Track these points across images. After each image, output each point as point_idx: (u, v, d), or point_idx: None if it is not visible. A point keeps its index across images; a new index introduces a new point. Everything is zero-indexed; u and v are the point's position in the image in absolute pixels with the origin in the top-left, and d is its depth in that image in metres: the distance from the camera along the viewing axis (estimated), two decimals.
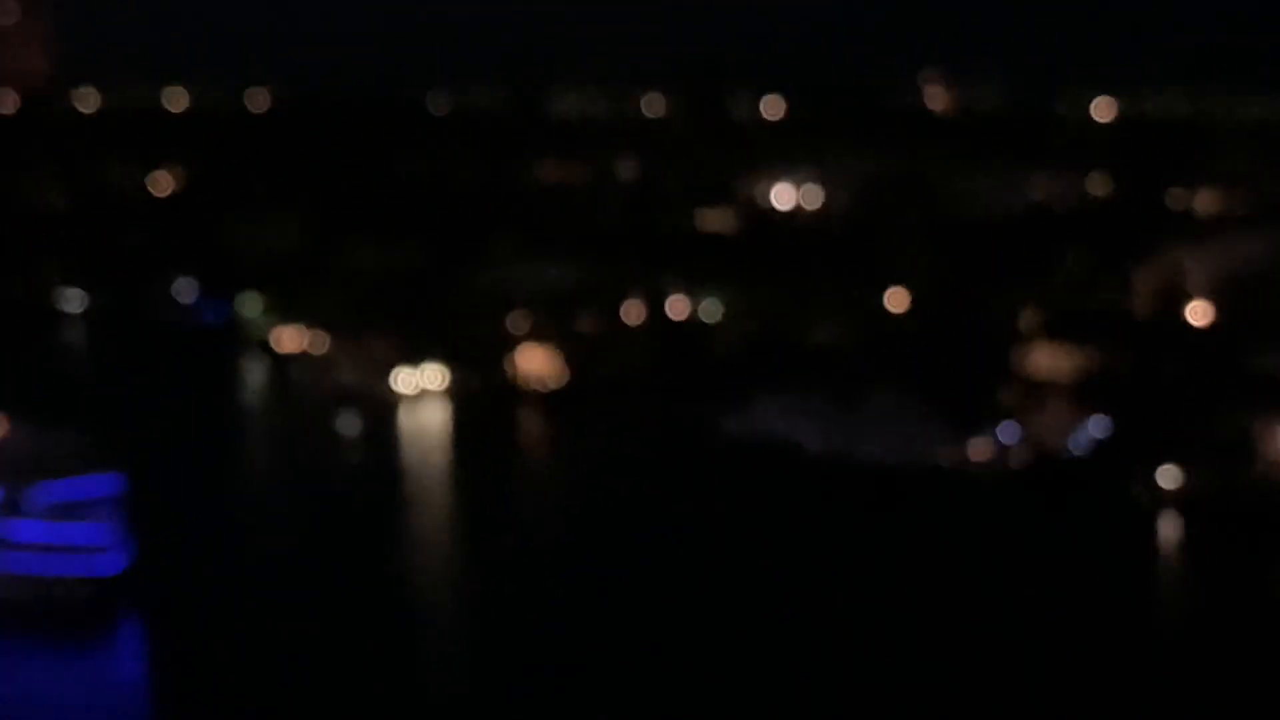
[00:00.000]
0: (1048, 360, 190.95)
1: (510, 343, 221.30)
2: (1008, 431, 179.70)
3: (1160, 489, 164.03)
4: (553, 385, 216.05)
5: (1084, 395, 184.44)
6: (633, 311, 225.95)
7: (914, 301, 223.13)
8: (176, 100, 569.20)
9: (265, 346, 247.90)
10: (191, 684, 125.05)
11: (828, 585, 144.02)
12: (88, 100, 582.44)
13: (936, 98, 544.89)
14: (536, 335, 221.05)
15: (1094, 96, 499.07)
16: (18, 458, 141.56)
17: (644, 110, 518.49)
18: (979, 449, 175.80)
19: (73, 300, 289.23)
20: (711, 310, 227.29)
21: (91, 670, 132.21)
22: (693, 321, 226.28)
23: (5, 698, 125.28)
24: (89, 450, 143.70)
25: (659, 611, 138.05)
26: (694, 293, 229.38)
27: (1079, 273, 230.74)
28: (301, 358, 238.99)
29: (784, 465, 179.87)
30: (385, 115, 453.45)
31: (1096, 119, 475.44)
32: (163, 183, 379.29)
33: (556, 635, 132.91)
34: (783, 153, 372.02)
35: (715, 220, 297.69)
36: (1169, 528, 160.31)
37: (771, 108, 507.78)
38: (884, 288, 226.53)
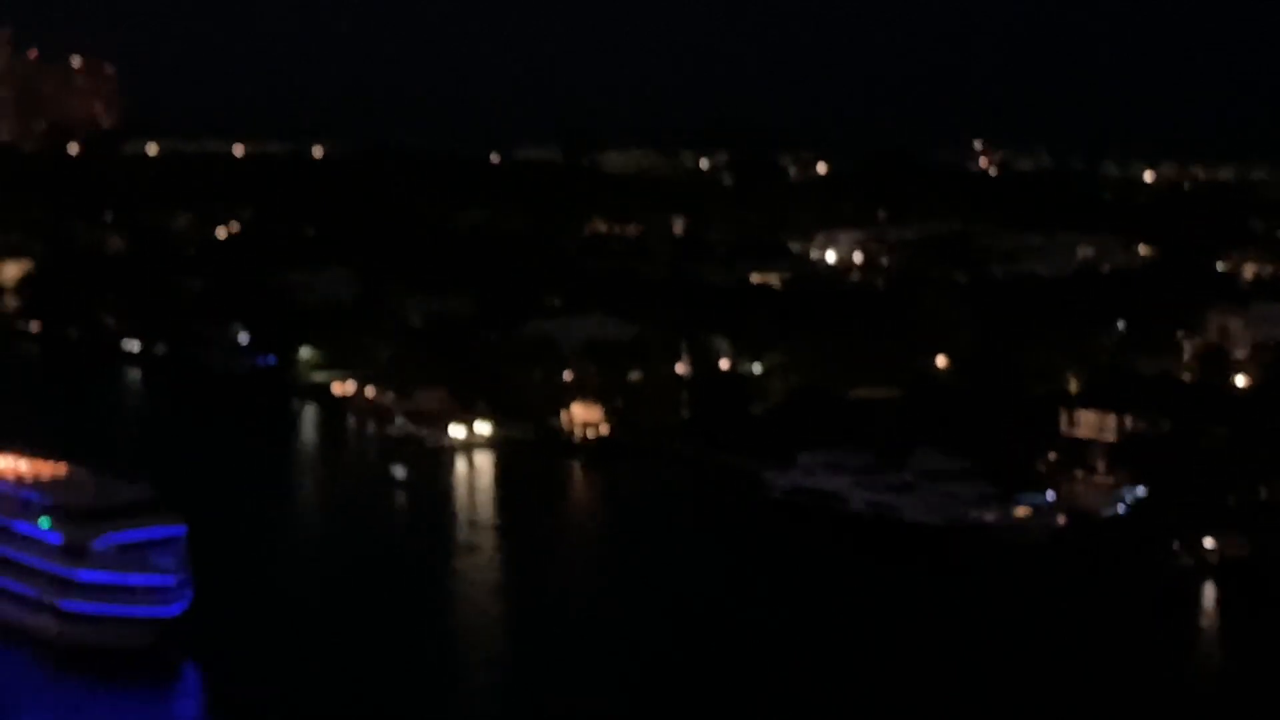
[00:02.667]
0: (1090, 422, 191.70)
1: (559, 394, 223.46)
2: (1050, 493, 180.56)
3: (1202, 553, 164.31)
4: (600, 437, 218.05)
5: (1126, 458, 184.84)
6: (680, 365, 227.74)
7: (959, 360, 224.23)
8: (237, 150, 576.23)
9: (318, 393, 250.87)
10: None
11: (868, 643, 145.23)
12: (150, 148, 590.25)
13: (984, 160, 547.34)
14: (584, 387, 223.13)
15: (1140, 162, 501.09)
16: (80, 504, 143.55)
17: (692, 167, 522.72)
18: (1021, 509, 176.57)
19: (131, 344, 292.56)
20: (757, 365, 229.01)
21: (151, 713, 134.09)
22: (739, 375, 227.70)
23: None
24: (150, 496, 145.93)
25: (700, 666, 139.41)
26: (741, 347, 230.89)
27: (1123, 336, 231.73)
28: (354, 405, 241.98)
29: (826, 521, 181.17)
30: (440, 170, 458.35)
31: (1143, 184, 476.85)
32: (221, 230, 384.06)
33: (599, 688, 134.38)
34: (831, 211, 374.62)
35: (763, 275, 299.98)
36: (1210, 592, 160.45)
37: (820, 167, 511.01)
38: (929, 346, 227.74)
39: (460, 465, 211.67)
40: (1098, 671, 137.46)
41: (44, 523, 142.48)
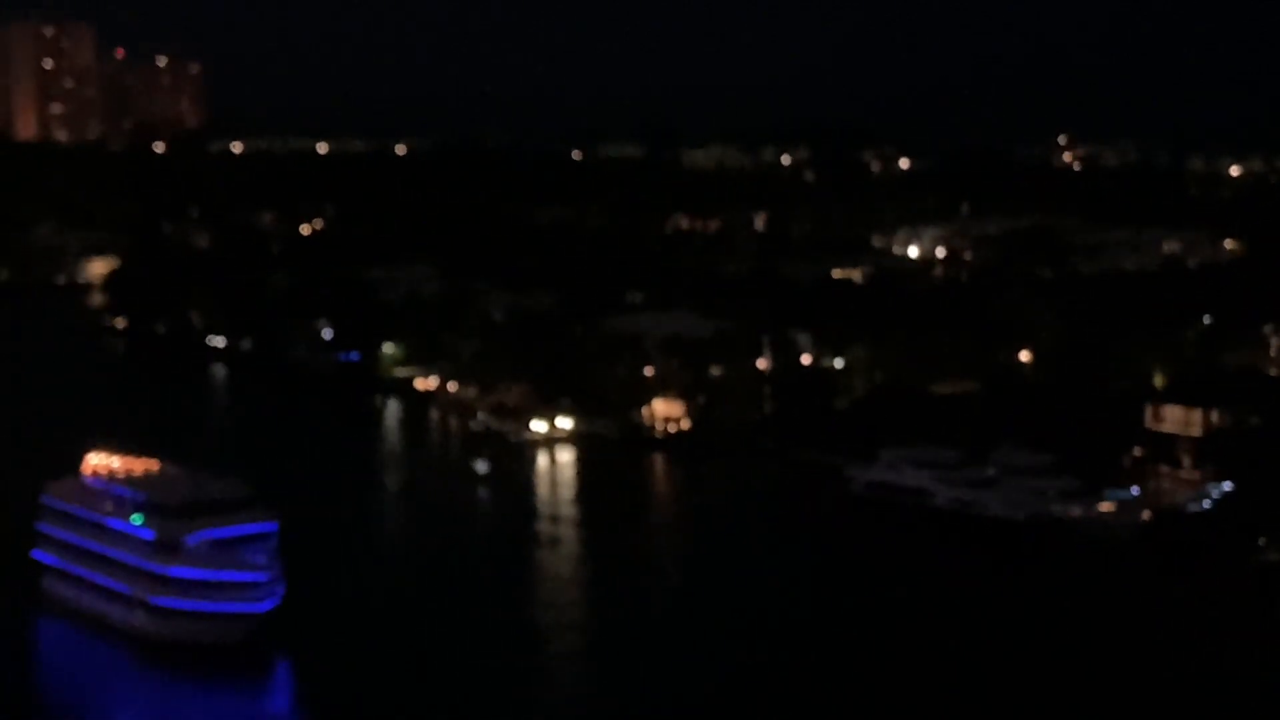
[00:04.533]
0: (1176, 417, 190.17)
1: (641, 389, 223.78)
2: (1134, 488, 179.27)
3: None
4: (681, 432, 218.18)
5: (1212, 453, 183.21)
6: (762, 360, 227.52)
7: (1043, 356, 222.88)
8: (321, 148, 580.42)
9: (402, 389, 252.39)
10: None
11: (952, 638, 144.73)
12: (235, 146, 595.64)
13: (1068, 155, 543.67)
14: (666, 382, 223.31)
15: (1226, 156, 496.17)
16: (173, 500, 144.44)
17: (774, 163, 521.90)
18: (1105, 505, 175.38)
19: (216, 340, 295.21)
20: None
21: (243, 708, 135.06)
22: (821, 370, 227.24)
23: None
24: (242, 492, 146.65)
25: (782, 659, 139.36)
26: (823, 342, 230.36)
27: (1210, 330, 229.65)
28: (437, 400, 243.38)
29: (910, 516, 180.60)
30: (522, 166, 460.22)
31: (1229, 178, 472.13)
32: (306, 227, 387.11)
33: (680, 681, 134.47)
34: (914, 206, 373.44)
35: (845, 271, 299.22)
36: None
37: (903, 162, 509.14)
38: (1012, 341, 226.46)
39: (542, 460, 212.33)
40: (1183, 665, 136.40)
41: (137, 519, 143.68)
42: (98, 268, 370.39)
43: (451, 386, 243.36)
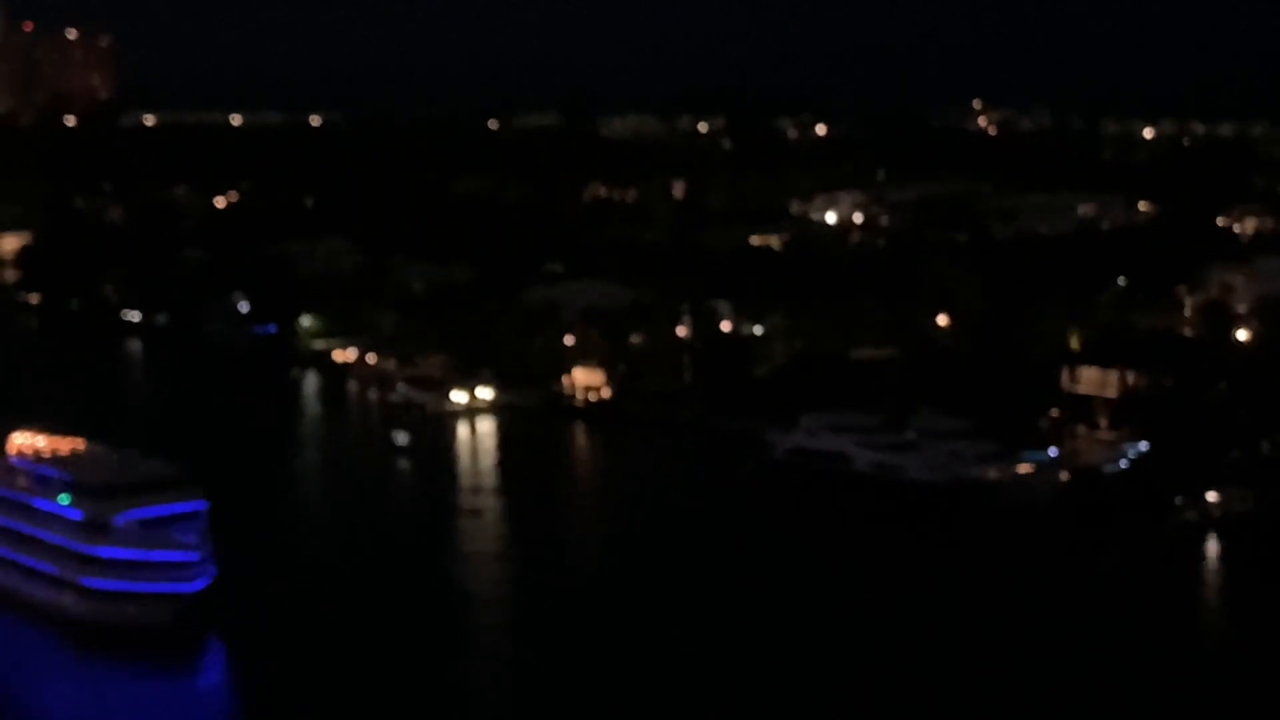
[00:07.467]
0: (1092, 379, 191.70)
1: (561, 359, 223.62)
2: (1052, 450, 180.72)
3: (1205, 508, 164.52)
4: (602, 401, 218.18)
5: (1128, 414, 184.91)
6: (681, 329, 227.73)
7: (960, 320, 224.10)
8: (235, 121, 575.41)
9: (320, 361, 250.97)
10: (269, 699, 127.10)
11: (872, 602, 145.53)
12: (147, 119, 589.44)
13: (984, 120, 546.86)
14: (586, 352, 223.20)
15: (1140, 120, 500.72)
16: (101, 480, 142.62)
17: (691, 131, 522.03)
18: (1023, 467, 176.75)
19: (131, 315, 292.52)
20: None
21: (174, 689, 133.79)
22: (741, 338, 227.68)
23: (90, 716, 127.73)
24: (171, 471, 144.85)
25: (704, 627, 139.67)
26: (742, 310, 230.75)
27: (1125, 293, 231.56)
28: (356, 372, 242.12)
29: (830, 481, 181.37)
30: (439, 137, 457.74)
31: (1143, 142, 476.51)
32: (220, 201, 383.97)
33: (604, 651, 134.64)
34: (830, 173, 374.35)
35: (763, 238, 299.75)
36: (1213, 547, 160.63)
37: (819, 129, 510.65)
38: (930, 306, 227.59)
39: (462, 431, 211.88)
40: (1101, 626, 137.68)
41: (64, 499, 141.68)
42: (9, 243, 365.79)
43: (370, 359, 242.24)
